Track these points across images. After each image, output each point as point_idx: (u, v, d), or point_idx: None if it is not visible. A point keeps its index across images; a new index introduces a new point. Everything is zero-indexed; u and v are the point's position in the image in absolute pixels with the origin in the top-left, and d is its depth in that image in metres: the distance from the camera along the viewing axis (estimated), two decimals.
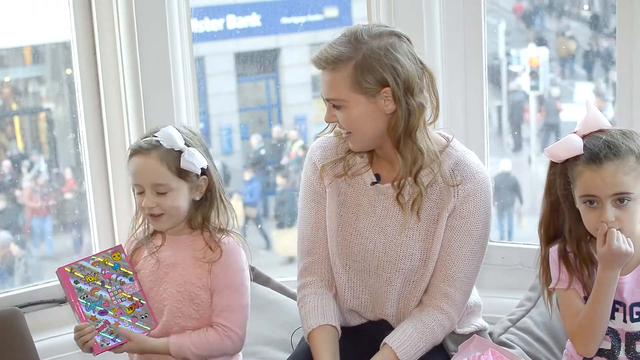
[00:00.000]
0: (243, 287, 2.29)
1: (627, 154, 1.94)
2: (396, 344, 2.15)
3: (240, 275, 2.28)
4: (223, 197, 2.31)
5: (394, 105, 2.10)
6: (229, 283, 2.27)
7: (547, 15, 9.28)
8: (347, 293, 2.27)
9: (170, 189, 2.23)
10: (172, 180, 2.23)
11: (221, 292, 2.27)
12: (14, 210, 6.47)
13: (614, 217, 1.94)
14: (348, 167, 2.24)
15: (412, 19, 2.68)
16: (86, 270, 2.26)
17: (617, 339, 2.03)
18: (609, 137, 1.96)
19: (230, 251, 2.27)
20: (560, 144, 2.00)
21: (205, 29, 8.16)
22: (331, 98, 2.13)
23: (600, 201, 1.95)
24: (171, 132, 2.24)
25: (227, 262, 2.26)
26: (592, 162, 1.95)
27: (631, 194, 1.93)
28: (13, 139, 6.72)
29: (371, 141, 2.17)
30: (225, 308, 2.27)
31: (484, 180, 2.20)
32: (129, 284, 2.30)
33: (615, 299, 1.99)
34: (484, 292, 2.52)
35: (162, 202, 2.23)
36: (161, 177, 2.22)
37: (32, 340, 2.51)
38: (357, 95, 2.10)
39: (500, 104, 8.92)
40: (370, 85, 2.09)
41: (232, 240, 2.29)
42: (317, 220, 2.28)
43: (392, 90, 2.09)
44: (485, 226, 2.21)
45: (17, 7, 4.18)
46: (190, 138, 2.27)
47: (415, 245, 2.20)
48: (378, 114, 2.12)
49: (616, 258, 1.94)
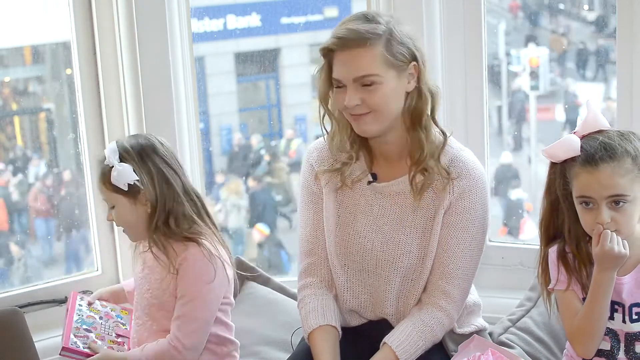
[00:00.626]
0: (200, 299, 2.25)
1: (623, 156, 1.93)
2: (395, 343, 2.15)
3: (199, 286, 2.25)
4: (177, 207, 2.28)
5: (416, 82, 2.12)
6: (186, 292, 2.26)
7: (544, 14, 9.29)
8: (346, 293, 2.28)
9: (114, 205, 2.30)
10: (110, 196, 2.29)
11: (179, 299, 2.27)
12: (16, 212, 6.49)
13: (610, 219, 1.93)
14: (345, 177, 2.24)
15: (412, 19, 2.68)
16: (94, 305, 2.46)
17: (616, 340, 2.03)
18: (606, 139, 1.96)
19: (190, 261, 2.25)
20: (558, 144, 2.00)
21: (205, 29, 8.17)
22: (364, 75, 2.09)
23: (596, 202, 1.95)
24: (107, 148, 2.29)
25: (186, 271, 2.25)
26: (587, 164, 1.95)
27: (627, 196, 1.93)
28: (13, 138, 6.72)
29: (389, 122, 2.15)
30: (178, 317, 2.27)
31: (479, 177, 2.20)
32: (122, 329, 2.42)
33: (614, 299, 1.99)
34: (484, 292, 2.51)
35: (115, 218, 2.32)
36: (102, 194, 2.32)
37: (32, 340, 2.51)
38: (390, 70, 2.10)
39: (500, 104, 8.92)
40: (403, 58, 2.10)
41: (196, 251, 2.25)
42: (315, 221, 2.28)
43: (418, 66, 2.11)
44: (482, 222, 2.21)
45: (17, 7, 4.18)
46: (127, 153, 2.27)
47: (412, 243, 2.20)
48: (402, 92, 2.13)
49: (610, 259, 1.93)
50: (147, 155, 2.27)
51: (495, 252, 2.80)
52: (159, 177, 2.27)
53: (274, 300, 2.77)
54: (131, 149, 2.27)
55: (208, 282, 2.25)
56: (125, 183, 2.24)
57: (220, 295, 2.30)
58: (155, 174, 2.26)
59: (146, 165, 2.26)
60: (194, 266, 2.25)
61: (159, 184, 2.26)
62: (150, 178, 2.26)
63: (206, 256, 2.25)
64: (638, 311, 2.00)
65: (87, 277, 2.87)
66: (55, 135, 6.41)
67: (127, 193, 2.26)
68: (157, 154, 2.28)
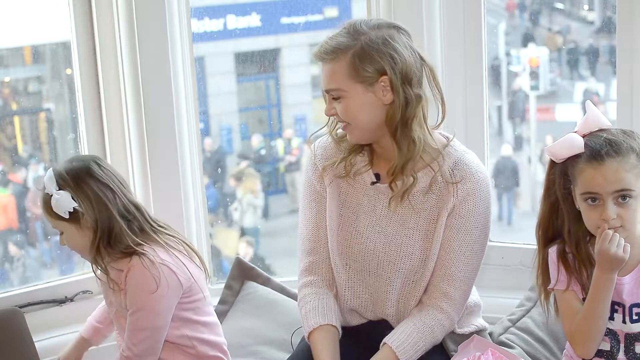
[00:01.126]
0: (145, 309, 2.26)
1: (629, 151, 1.94)
2: (396, 344, 2.15)
3: (143, 297, 2.26)
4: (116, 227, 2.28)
5: (392, 95, 2.11)
6: (132, 304, 2.28)
7: (542, 13, 9.30)
8: (347, 292, 2.28)
9: (62, 231, 2.32)
10: (56, 224, 2.30)
11: (128, 311, 2.29)
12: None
13: (615, 215, 1.93)
14: (350, 166, 2.25)
15: (412, 19, 2.68)
16: None
17: (616, 340, 2.02)
18: (610, 135, 1.97)
19: (132, 273, 2.26)
20: (561, 143, 2.00)
21: (205, 29, 8.17)
22: (330, 89, 2.14)
23: (601, 198, 1.94)
24: (45, 177, 2.29)
25: (130, 284, 2.27)
26: (593, 160, 1.94)
27: (633, 191, 1.93)
28: (13, 138, 6.72)
29: (369, 132, 2.17)
30: (128, 328, 2.29)
31: (483, 180, 2.20)
32: None
33: (615, 299, 1.99)
34: (484, 292, 2.51)
35: (66, 243, 2.33)
36: (49, 222, 2.32)
37: (32, 340, 2.51)
38: (355, 84, 2.11)
39: (500, 104, 8.93)
40: (368, 73, 2.10)
41: (137, 262, 2.26)
42: (317, 220, 2.29)
43: (389, 79, 2.10)
44: (485, 225, 2.21)
45: (17, 7, 4.18)
46: (63, 180, 2.27)
47: (415, 244, 2.20)
48: (376, 105, 2.13)
49: (606, 260, 1.93)
50: (82, 180, 2.27)
51: (495, 252, 2.79)
52: (96, 199, 2.27)
53: (274, 301, 2.76)
54: (67, 175, 2.28)
55: (151, 291, 2.25)
56: (65, 211, 2.26)
57: (171, 300, 2.30)
58: (93, 198, 2.27)
59: (83, 191, 2.27)
60: (136, 278, 2.26)
61: (97, 207, 2.27)
62: (88, 202, 2.26)
63: (146, 267, 2.25)
64: (638, 311, 2.00)
65: (87, 277, 2.86)
66: (55, 135, 6.41)
67: (70, 220, 2.27)
68: (92, 177, 2.28)
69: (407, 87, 2.11)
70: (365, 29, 2.11)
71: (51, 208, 2.27)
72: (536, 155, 8.37)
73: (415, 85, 2.12)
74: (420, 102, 2.13)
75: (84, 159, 2.33)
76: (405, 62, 2.11)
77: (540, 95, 8.70)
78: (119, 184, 2.32)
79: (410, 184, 2.17)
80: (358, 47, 2.10)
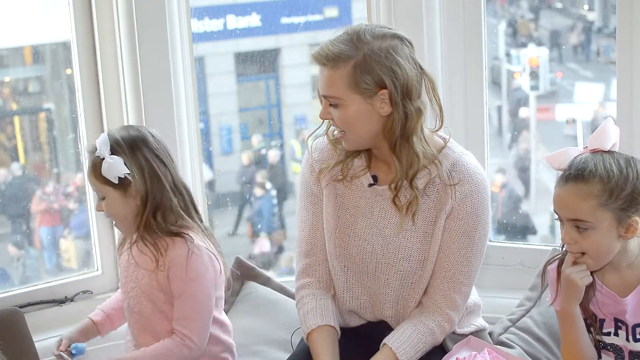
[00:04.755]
0: (198, 295, 2.24)
1: (593, 180, 1.86)
2: (396, 345, 2.14)
3: (194, 283, 2.24)
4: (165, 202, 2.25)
5: (390, 108, 2.09)
6: (184, 290, 2.24)
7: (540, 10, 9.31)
8: (345, 294, 2.27)
9: (104, 196, 2.27)
10: (101, 188, 2.26)
11: (178, 298, 2.25)
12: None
13: (572, 240, 1.90)
14: (347, 169, 2.24)
15: (412, 19, 2.68)
16: None
17: (620, 356, 2.00)
18: (589, 159, 1.90)
19: (179, 257, 2.23)
20: (556, 154, 1.98)
21: (205, 29, 8.18)
22: (328, 95, 2.12)
23: (562, 220, 1.93)
24: (98, 140, 2.25)
25: (178, 268, 2.23)
26: (560, 180, 1.92)
27: (587, 222, 1.87)
28: (13, 138, 6.73)
29: (365, 141, 2.16)
30: (182, 316, 2.25)
31: (481, 181, 2.19)
32: None
33: (618, 319, 1.97)
34: (484, 292, 2.51)
35: (105, 209, 2.29)
36: (92, 185, 2.28)
37: (32, 340, 2.51)
38: (353, 94, 2.09)
39: (500, 104, 8.93)
40: (367, 85, 2.08)
41: (183, 246, 2.23)
42: (314, 221, 2.28)
43: (389, 92, 2.08)
44: (484, 227, 2.20)
45: (17, 7, 4.18)
46: (118, 145, 2.24)
47: (413, 247, 2.20)
48: (373, 115, 2.11)
49: (564, 282, 1.91)
50: (138, 148, 2.24)
51: (495, 252, 2.79)
52: (150, 170, 2.24)
53: (274, 301, 2.77)
54: (122, 141, 2.24)
55: (199, 278, 2.23)
56: (115, 176, 2.22)
57: (212, 287, 2.28)
58: (146, 168, 2.24)
59: (137, 159, 2.24)
60: (186, 262, 2.22)
61: (149, 178, 2.23)
62: (140, 171, 2.23)
63: (197, 252, 2.23)
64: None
65: (87, 277, 2.86)
66: (55, 135, 6.42)
67: (118, 186, 2.23)
68: (148, 147, 2.25)
69: (407, 101, 2.09)
70: (368, 39, 2.08)
71: (99, 172, 2.22)
72: (536, 155, 8.37)
73: (415, 98, 2.10)
74: (420, 116, 2.11)
75: (140, 128, 2.31)
76: (407, 76, 2.08)
77: (540, 95, 8.69)
78: (171, 160, 2.29)
79: (413, 198, 2.15)
80: (360, 57, 2.07)
